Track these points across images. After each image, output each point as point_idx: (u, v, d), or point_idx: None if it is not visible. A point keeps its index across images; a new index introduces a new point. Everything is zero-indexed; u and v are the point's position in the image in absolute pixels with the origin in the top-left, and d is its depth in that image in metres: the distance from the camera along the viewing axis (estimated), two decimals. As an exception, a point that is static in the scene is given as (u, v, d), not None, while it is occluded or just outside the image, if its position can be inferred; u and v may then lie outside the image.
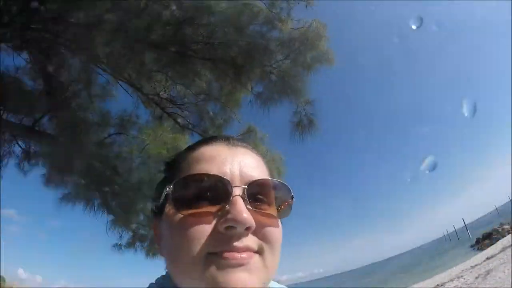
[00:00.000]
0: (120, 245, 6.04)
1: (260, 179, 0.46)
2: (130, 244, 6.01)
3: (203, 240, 0.41)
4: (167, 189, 0.45)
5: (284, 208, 0.48)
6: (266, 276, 0.44)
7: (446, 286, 10.00)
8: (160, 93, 4.95)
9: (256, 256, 0.43)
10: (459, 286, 9.23)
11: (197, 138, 4.76)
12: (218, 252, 0.40)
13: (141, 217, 5.33)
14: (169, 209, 0.45)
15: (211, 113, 4.77)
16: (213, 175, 0.44)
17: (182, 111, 4.91)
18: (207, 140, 0.51)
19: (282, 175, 4.69)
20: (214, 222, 0.42)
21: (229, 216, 0.40)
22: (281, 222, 0.48)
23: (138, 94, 4.88)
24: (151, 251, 5.85)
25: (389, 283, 20.81)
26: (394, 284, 18.79)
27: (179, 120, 4.85)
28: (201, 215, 0.42)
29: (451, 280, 10.66)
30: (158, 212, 0.49)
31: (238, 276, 0.40)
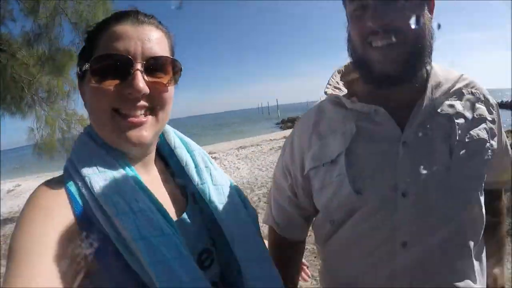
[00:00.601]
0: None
1: (157, 56, 0.59)
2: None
3: (109, 99, 0.57)
4: (86, 66, 0.58)
5: (175, 77, 0.63)
6: (159, 129, 0.64)
7: (245, 150, 11.57)
8: None
9: (150, 117, 0.61)
10: (255, 152, 10.80)
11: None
12: (121, 109, 0.57)
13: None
14: (88, 78, 0.59)
15: None
16: (119, 55, 0.57)
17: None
18: (118, 17, 0.60)
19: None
20: (119, 88, 0.57)
21: (129, 86, 0.56)
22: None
23: None
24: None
25: (202, 138, 21.18)
26: (205, 139, 19.64)
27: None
28: (111, 84, 0.57)
29: (251, 146, 12.48)
30: (82, 76, 0.62)
31: (136, 133, 0.58)
